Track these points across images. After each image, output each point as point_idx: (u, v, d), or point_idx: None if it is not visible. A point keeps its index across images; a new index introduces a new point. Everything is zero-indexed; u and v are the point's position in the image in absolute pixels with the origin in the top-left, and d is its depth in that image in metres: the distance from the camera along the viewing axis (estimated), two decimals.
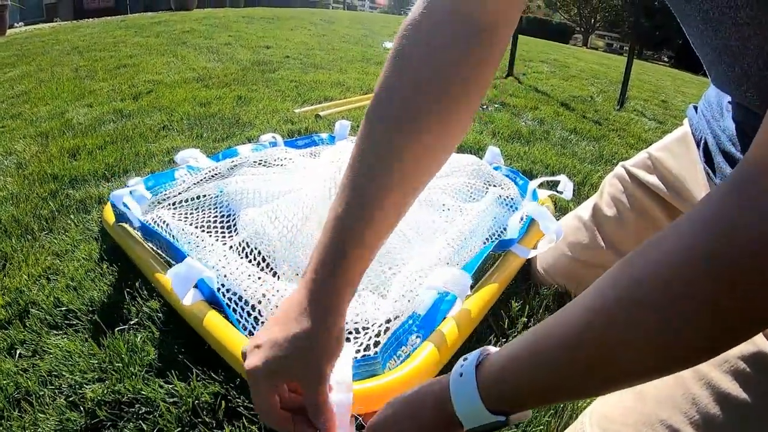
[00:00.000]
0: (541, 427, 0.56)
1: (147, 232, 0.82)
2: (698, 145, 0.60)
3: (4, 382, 0.63)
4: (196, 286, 0.68)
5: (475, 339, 0.71)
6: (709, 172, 0.57)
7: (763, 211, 0.27)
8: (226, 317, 0.66)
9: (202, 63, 2.83)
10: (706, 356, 0.32)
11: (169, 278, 0.67)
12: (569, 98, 2.76)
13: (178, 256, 0.74)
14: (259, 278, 0.71)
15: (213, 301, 0.68)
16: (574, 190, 1.18)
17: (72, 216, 1.04)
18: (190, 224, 0.88)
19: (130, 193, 0.91)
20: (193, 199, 0.95)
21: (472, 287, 0.72)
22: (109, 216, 0.93)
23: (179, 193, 0.97)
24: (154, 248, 0.84)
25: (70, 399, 0.60)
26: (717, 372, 0.44)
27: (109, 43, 3.60)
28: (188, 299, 0.65)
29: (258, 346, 0.44)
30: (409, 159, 0.46)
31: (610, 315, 0.33)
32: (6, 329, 0.73)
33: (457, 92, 0.46)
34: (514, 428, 0.56)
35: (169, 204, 0.93)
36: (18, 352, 0.68)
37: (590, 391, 0.38)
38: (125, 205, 0.86)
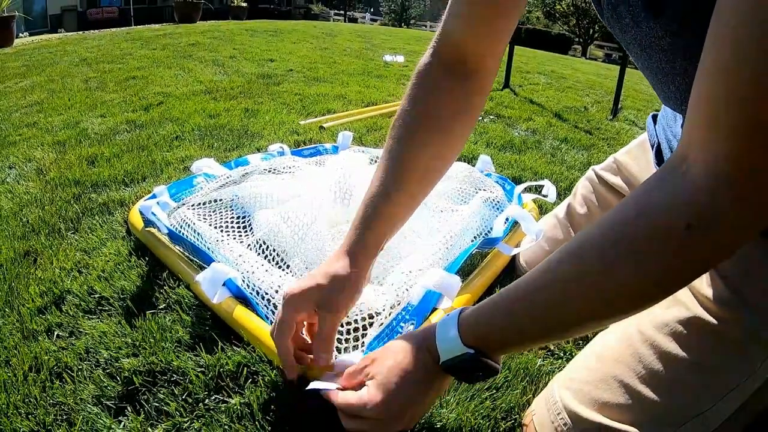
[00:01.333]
0: (518, 390, 0.65)
1: (174, 237, 0.91)
2: (652, 148, 0.69)
3: (45, 357, 0.70)
4: (224, 284, 0.77)
5: None
6: None
7: (677, 192, 0.36)
8: (250, 307, 0.75)
9: (209, 76, 2.92)
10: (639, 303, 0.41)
11: (198, 281, 0.76)
12: (563, 109, 2.84)
13: (205, 259, 0.83)
14: (273, 274, 0.81)
15: (239, 296, 0.77)
16: (559, 195, 1.27)
17: (96, 217, 1.12)
18: (209, 225, 0.98)
19: (158, 203, 1.00)
20: (211, 202, 1.05)
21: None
22: (136, 221, 1.02)
23: (199, 198, 1.07)
24: (182, 250, 0.92)
25: (107, 371, 0.67)
26: (659, 334, 0.53)
27: (116, 55, 3.70)
28: (217, 298, 0.74)
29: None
30: (419, 167, 0.62)
31: (558, 270, 0.43)
32: (43, 314, 0.80)
33: (454, 126, 0.63)
34: (493, 391, 0.65)
35: (189, 206, 1.03)
36: (56, 333, 0.75)
37: (552, 333, 0.47)
38: (154, 215, 0.95)
